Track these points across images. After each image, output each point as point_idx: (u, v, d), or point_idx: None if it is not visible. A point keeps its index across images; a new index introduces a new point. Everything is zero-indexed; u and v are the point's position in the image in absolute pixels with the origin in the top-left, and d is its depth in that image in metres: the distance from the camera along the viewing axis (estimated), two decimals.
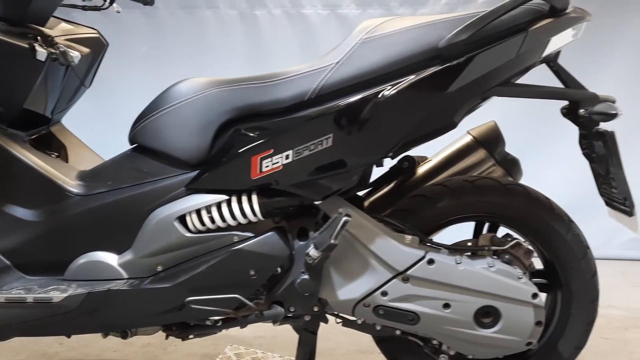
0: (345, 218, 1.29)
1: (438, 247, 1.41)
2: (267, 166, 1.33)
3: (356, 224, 1.38)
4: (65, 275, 1.45)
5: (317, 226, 1.39)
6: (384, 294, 1.38)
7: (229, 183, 1.37)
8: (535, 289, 1.36)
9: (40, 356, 2.03)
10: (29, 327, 1.42)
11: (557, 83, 1.42)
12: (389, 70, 1.30)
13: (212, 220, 1.38)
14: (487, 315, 1.38)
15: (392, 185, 1.62)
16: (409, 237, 1.40)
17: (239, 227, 1.40)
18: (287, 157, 1.32)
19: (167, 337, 1.49)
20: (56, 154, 1.65)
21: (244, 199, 1.37)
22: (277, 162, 1.33)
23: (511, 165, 1.63)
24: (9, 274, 1.46)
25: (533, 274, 1.52)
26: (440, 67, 1.27)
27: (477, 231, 1.57)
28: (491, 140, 1.63)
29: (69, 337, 1.58)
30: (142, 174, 1.45)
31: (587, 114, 1.34)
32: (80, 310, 1.38)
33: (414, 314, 1.38)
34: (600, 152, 1.37)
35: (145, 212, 1.40)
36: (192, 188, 1.40)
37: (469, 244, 1.47)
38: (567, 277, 1.45)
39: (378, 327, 1.43)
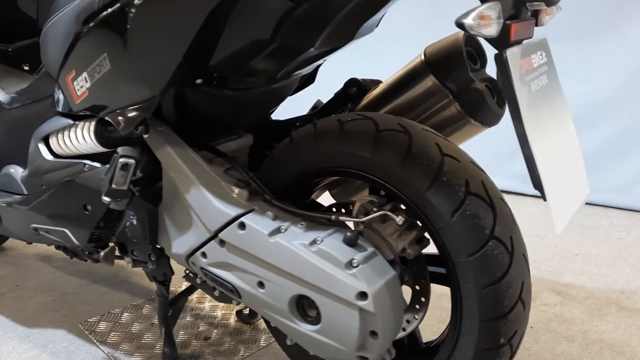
0: (121, 160, 1.06)
1: (277, 207, 1.06)
2: (78, 90, 1.15)
3: (175, 167, 1.12)
4: None
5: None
6: (204, 255, 1.12)
7: (69, 106, 1.24)
8: (366, 287, 0.92)
9: None
10: None
11: None
12: None
13: (65, 145, 1.28)
14: (312, 308, 1.02)
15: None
16: (236, 190, 1.08)
17: (93, 156, 1.27)
18: (85, 80, 1.12)
19: (71, 257, 1.49)
20: (27, 67, 1.71)
21: (86, 125, 1.23)
22: (83, 86, 1.13)
23: (473, 99, 1.13)
24: None
25: (430, 259, 1.06)
26: None
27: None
28: (444, 61, 1.15)
29: None
30: (38, 91, 1.41)
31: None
32: None
33: (232, 286, 1.09)
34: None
35: (31, 131, 1.38)
36: (57, 110, 1.31)
37: (351, 206, 1.08)
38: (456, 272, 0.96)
39: (216, 293, 1.18)
